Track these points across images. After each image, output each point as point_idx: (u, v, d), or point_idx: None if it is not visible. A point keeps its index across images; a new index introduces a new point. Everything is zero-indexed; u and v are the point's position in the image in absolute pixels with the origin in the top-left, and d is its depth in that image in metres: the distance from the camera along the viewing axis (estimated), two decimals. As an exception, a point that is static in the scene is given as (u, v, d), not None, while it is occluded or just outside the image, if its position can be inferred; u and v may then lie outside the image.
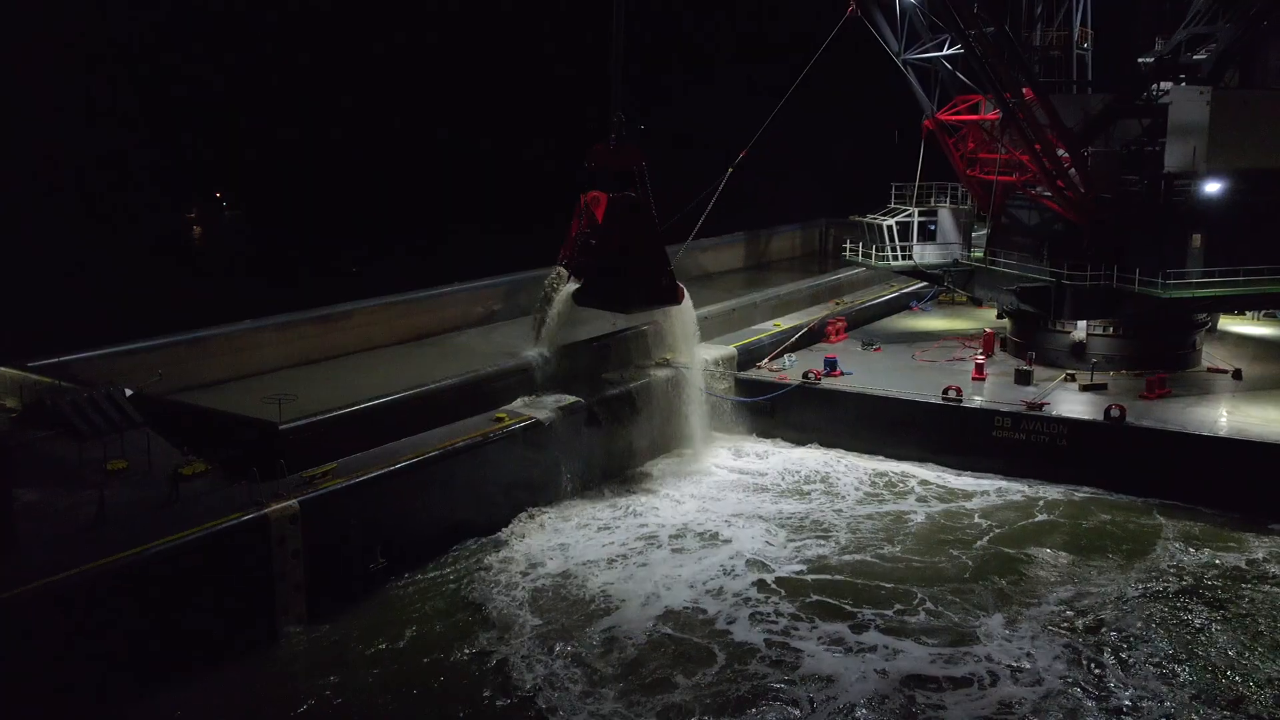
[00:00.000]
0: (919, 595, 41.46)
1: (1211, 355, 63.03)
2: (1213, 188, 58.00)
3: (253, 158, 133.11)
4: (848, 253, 68.34)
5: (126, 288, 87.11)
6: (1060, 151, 59.25)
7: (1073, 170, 59.44)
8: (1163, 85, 61.11)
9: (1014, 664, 36.64)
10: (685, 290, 58.20)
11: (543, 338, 56.57)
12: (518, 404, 51.09)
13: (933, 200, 67.05)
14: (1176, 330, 61.68)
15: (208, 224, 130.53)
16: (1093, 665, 36.58)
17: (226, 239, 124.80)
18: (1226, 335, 68.91)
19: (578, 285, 56.11)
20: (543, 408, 50.90)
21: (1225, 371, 60.30)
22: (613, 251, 55.22)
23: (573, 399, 52.32)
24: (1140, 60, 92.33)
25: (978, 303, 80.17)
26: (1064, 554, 45.26)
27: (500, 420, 48.27)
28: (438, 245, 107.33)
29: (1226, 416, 52.64)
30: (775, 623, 39.35)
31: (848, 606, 40.60)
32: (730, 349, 62.10)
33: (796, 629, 38.90)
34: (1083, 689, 35.13)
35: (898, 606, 40.65)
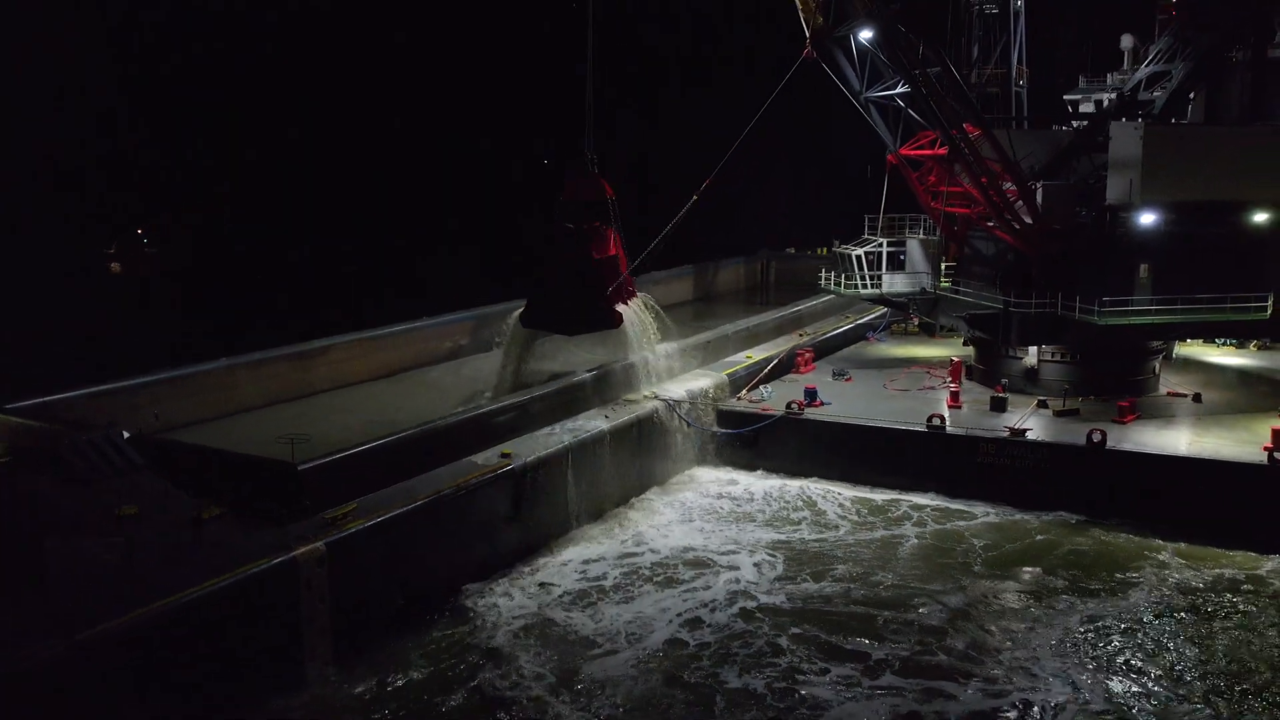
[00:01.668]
0: (926, 626, 41.94)
1: (1169, 381, 65.45)
2: (1148, 219, 60.23)
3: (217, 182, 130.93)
4: (822, 281, 69.62)
5: (59, 326, 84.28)
6: (1007, 184, 61.37)
7: (1020, 203, 61.51)
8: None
9: (1046, 696, 37.26)
10: (625, 315, 59.86)
11: (503, 362, 60.96)
12: (521, 440, 50.61)
13: (906, 231, 68.74)
14: (1130, 357, 63.81)
15: (127, 261, 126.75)
16: (1129, 690, 37.60)
17: (148, 276, 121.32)
18: (1175, 362, 71.50)
19: (522, 310, 60.06)
20: (547, 443, 50.59)
21: (1185, 395, 62.69)
22: (553, 277, 58.57)
23: (572, 434, 52.13)
24: (1065, 97, 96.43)
25: (930, 332, 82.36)
26: (1065, 577, 46.30)
27: (507, 456, 47.81)
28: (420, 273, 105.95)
29: (1201, 439, 54.49)
30: (775, 662, 39.27)
31: (853, 639, 40.82)
32: (722, 376, 62.77)
33: (801, 667, 38.91)
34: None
35: (902, 636, 41.16)
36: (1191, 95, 63.55)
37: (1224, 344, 76.54)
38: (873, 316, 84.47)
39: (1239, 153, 60.19)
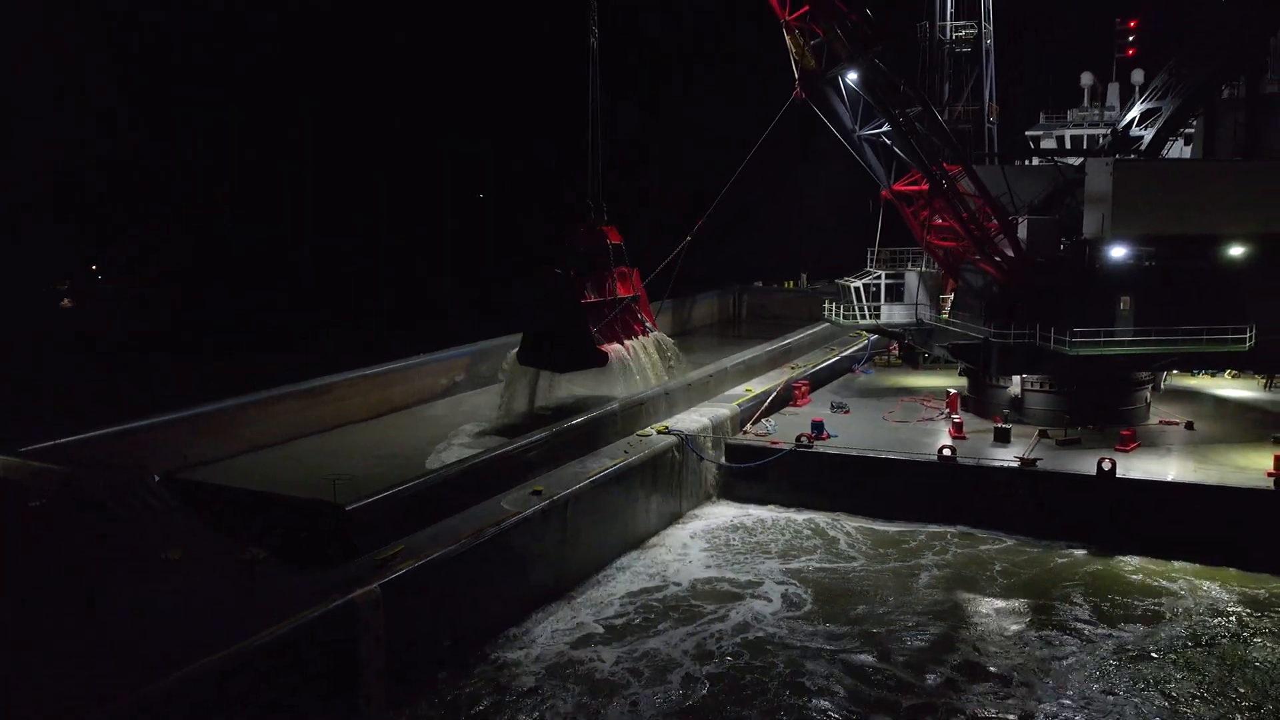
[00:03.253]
0: (957, 664, 41.89)
1: (1159, 410, 67.01)
2: (1119, 252, 61.84)
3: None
4: (826, 311, 70.59)
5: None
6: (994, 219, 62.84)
7: (1001, 237, 62.75)
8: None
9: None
10: (620, 353, 64.36)
11: (505, 396, 65.16)
12: (548, 476, 50.37)
13: (909, 264, 69.95)
14: (1114, 387, 64.68)
15: (81, 297, 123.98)
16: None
17: (103, 313, 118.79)
18: (1162, 392, 73.01)
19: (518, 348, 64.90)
20: (573, 479, 50.34)
21: (1177, 424, 64.26)
22: (543, 319, 63.61)
23: (596, 470, 51.98)
24: (1028, 133, 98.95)
25: (914, 363, 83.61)
26: (1089, 606, 46.88)
27: (538, 493, 47.52)
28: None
29: (1205, 466, 55.72)
30: (805, 704, 39.01)
31: (884, 677, 40.73)
32: (735, 408, 63.20)
33: (834, 713, 38.75)
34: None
35: (936, 674, 41.10)
36: (1182, 131, 65.47)
37: (1198, 374, 78.57)
38: (856, 348, 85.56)
39: (1209, 188, 61.87)
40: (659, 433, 58.57)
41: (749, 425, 63.92)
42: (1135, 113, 65.70)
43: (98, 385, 69.48)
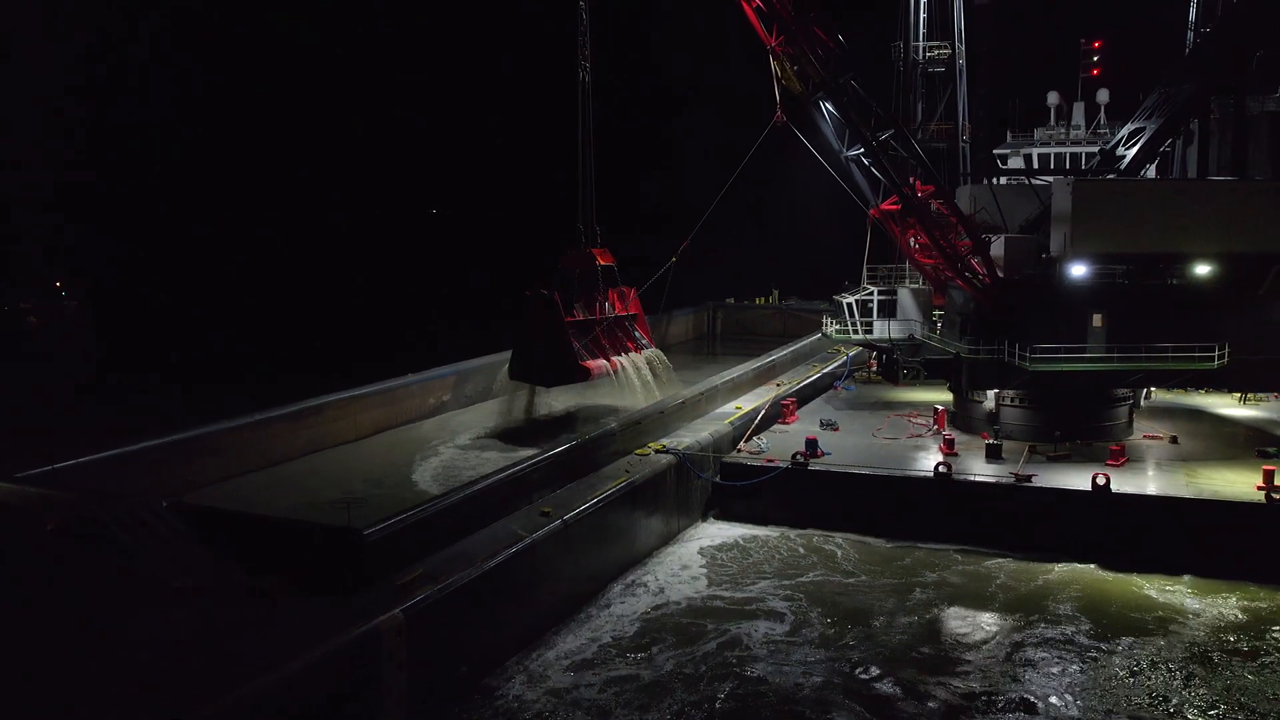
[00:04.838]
0: (959, 687, 41.63)
1: (1142, 425, 67.93)
2: (1079, 270, 62.50)
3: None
4: (824, 327, 71.24)
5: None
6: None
7: (975, 255, 63.50)
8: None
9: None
10: (604, 367, 67.87)
11: (504, 409, 68.93)
12: (555, 497, 50.09)
13: (906, 280, 70.62)
14: (1089, 402, 65.08)
15: (46, 316, 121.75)
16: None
17: (69, 332, 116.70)
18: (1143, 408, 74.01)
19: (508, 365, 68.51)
20: (580, 500, 50.03)
21: (1161, 439, 65.24)
22: (531, 336, 67.09)
23: (600, 490, 51.71)
24: (995, 151, 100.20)
25: (893, 379, 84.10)
26: (1090, 622, 47.17)
27: (546, 514, 47.17)
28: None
29: (1195, 479, 56.65)
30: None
31: (891, 699, 40.49)
32: (727, 425, 63.27)
33: None
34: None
35: (942, 695, 40.90)
36: (1163, 150, 66.51)
37: (1172, 389, 79.68)
38: (836, 364, 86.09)
39: (1169, 206, 62.03)
40: (657, 451, 58.45)
41: (742, 443, 63.98)
42: (1124, 132, 66.79)
43: (79, 408, 68.30)
